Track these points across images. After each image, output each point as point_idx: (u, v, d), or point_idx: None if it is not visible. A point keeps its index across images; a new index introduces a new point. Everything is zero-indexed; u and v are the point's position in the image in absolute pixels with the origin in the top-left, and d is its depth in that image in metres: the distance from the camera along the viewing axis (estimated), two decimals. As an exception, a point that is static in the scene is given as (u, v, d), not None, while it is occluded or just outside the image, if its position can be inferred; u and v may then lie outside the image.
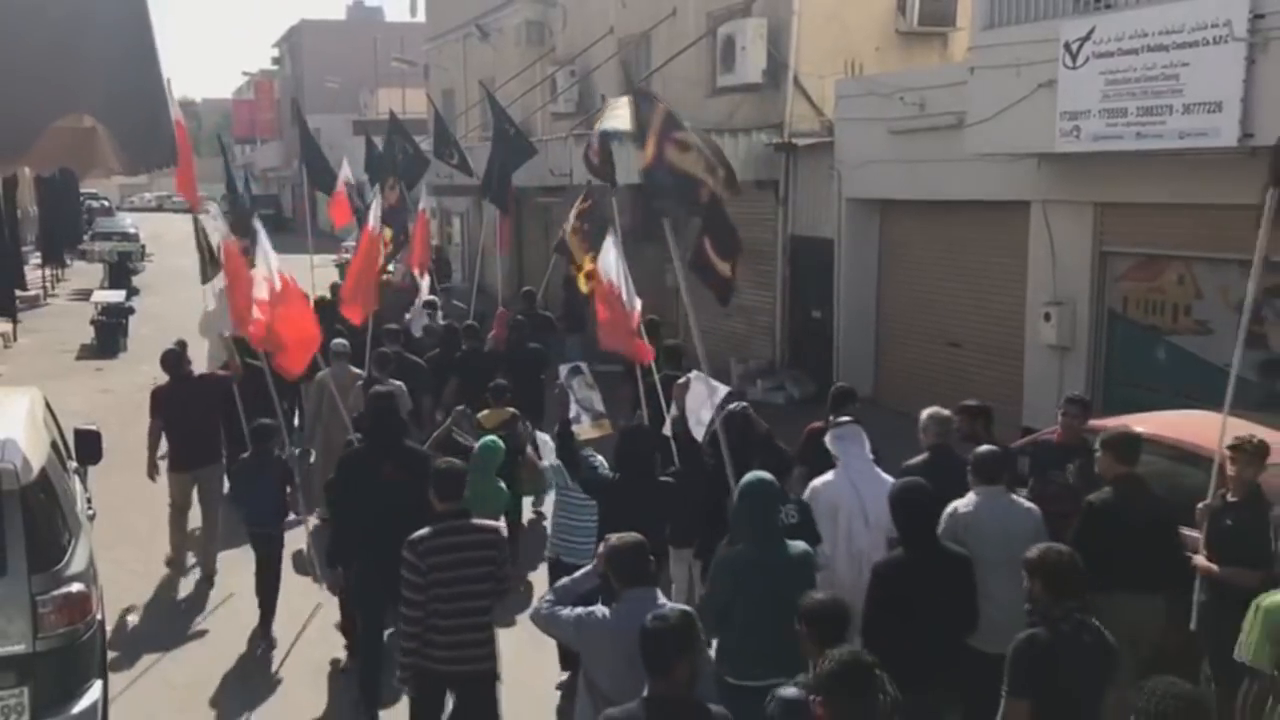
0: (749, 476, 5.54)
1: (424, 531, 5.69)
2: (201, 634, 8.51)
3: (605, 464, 7.09)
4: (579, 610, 4.86)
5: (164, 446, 9.86)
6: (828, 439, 6.80)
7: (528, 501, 10.09)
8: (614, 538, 4.88)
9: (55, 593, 5.61)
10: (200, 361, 10.99)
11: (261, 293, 8.84)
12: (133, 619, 8.68)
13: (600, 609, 4.86)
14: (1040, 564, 4.62)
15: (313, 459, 10.89)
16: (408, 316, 14.17)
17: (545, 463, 7.61)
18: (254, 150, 67.43)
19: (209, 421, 9.79)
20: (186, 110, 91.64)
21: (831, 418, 7.28)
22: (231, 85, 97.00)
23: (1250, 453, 6.15)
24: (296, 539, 9.43)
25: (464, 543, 5.72)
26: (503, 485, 7.87)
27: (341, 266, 18.85)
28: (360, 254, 12.31)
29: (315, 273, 16.56)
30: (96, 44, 5.75)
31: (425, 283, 15.37)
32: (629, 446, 6.71)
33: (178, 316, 12.52)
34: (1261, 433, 7.17)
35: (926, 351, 14.27)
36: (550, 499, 7.94)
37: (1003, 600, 5.41)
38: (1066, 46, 10.56)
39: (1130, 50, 9.99)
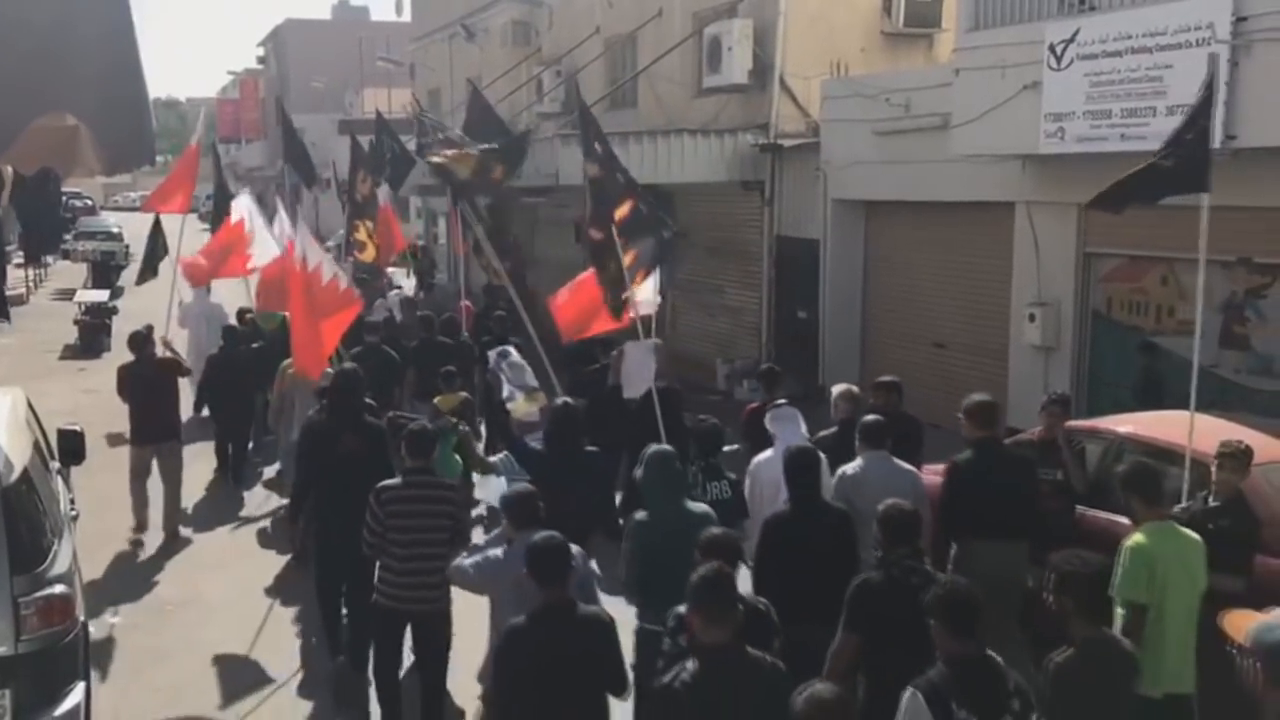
0: (652, 448, 6.15)
1: (391, 481, 6.40)
2: (185, 635, 8.47)
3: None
4: (476, 556, 5.54)
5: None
6: (767, 419, 7.48)
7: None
8: (509, 489, 5.63)
9: (37, 595, 5.58)
10: (180, 348, 12.23)
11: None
12: (116, 620, 8.63)
13: (494, 550, 5.49)
14: (882, 517, 5.21)
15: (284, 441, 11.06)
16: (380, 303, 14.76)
17: (496, 458, 7.99)
18: (239, 150, 67.16)
19: (166, 400, 10.50)
20: (172, 110, 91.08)
21: (768, 399, 8.10)
22: (216, 84, 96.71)
23: (1237, 458, 6.18)
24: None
25: (424, 495, 6.36)
26: (457, 457, 8.33)
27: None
28: (294, 302, 9.30)
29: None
30: (79, 45, 5.73)
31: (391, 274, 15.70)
32: (557, 422, 7.20)
33: (162, 316, 12.47)
34: (1241, 433, 7.23)
35: (911, 352, 14.31)
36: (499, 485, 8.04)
37: None
38: (1051, 48, 10.61)
39: (1114, 52, 10.04)
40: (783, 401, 7.83)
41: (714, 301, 18.52)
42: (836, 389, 8.06)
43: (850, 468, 6.71)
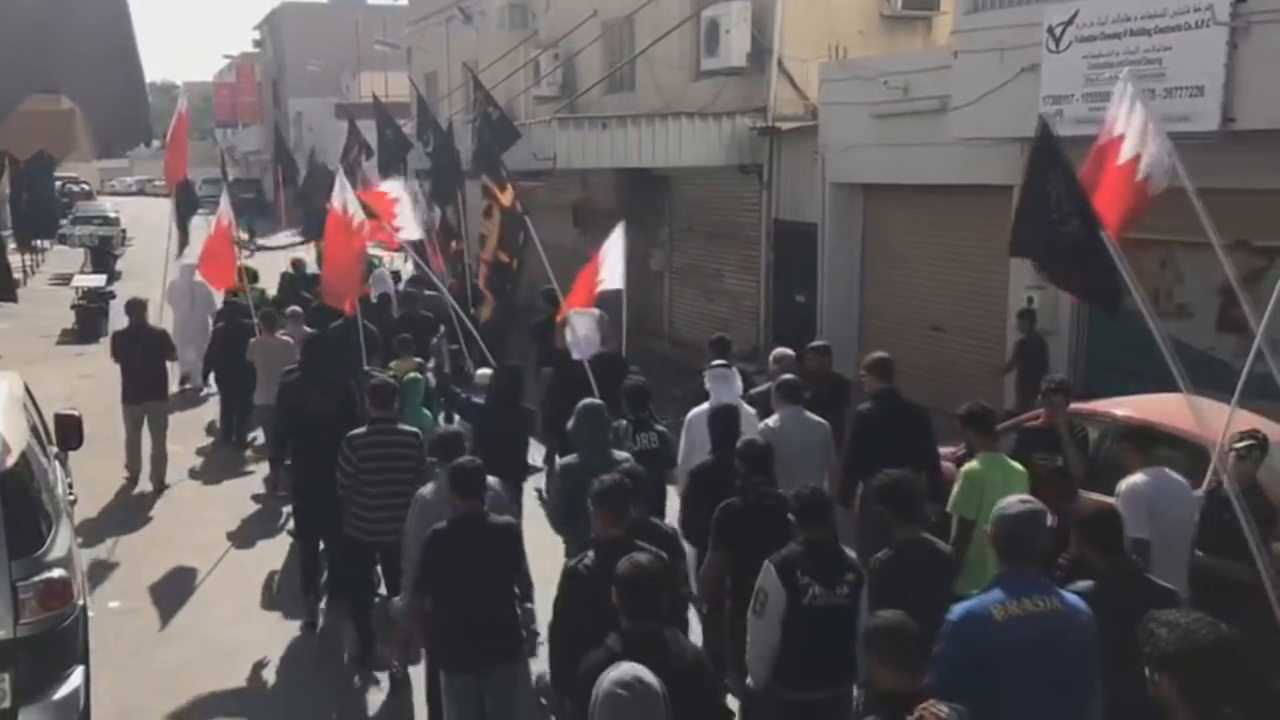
0: (583, 401, 7.01)
1: (360, 430, 7.30)
2: (185, 618, 8.49)
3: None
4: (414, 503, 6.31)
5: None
6: (705, 379, 8.49)
7: None
8: (437, 431, 6.83)
9: (36, 579, 5.59)
10: (167, 326, 13.18)
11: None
12: (114, 605, 8.65)
13: (426, 488, 6.42)
14: (740, 452, 6.14)
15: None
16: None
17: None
18: (235, 134, 66.94)
19: (156, 364, 11.55)
20: (167, 93, 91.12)
21: (710, 363, 8.98)
22: (213, 68, 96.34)
23: (1256, 448, 6.24)
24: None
25: (390, 441, 7.29)
26: (428, 412, 9.12)
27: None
28: (331, 239, 11.07)
29: (290, 253, 16.70)
30: (75, 28, 5.71)
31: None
32: (500, 381, 8.48)
33: (155, 304, 12.56)
34: (1237, 415, 7.23)
35: (909, 335, 14.30)
36: None
37: None
38: (1049, 30, 10.57)
39: (1113, 34, 10.01)
40: (720, 363, 8.79)
41: (712, 285, 18.51)
42: (774, 352, 9.11)
43: (770, 421, 7.53)
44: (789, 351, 9.01)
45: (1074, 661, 4.12)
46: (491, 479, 5.94)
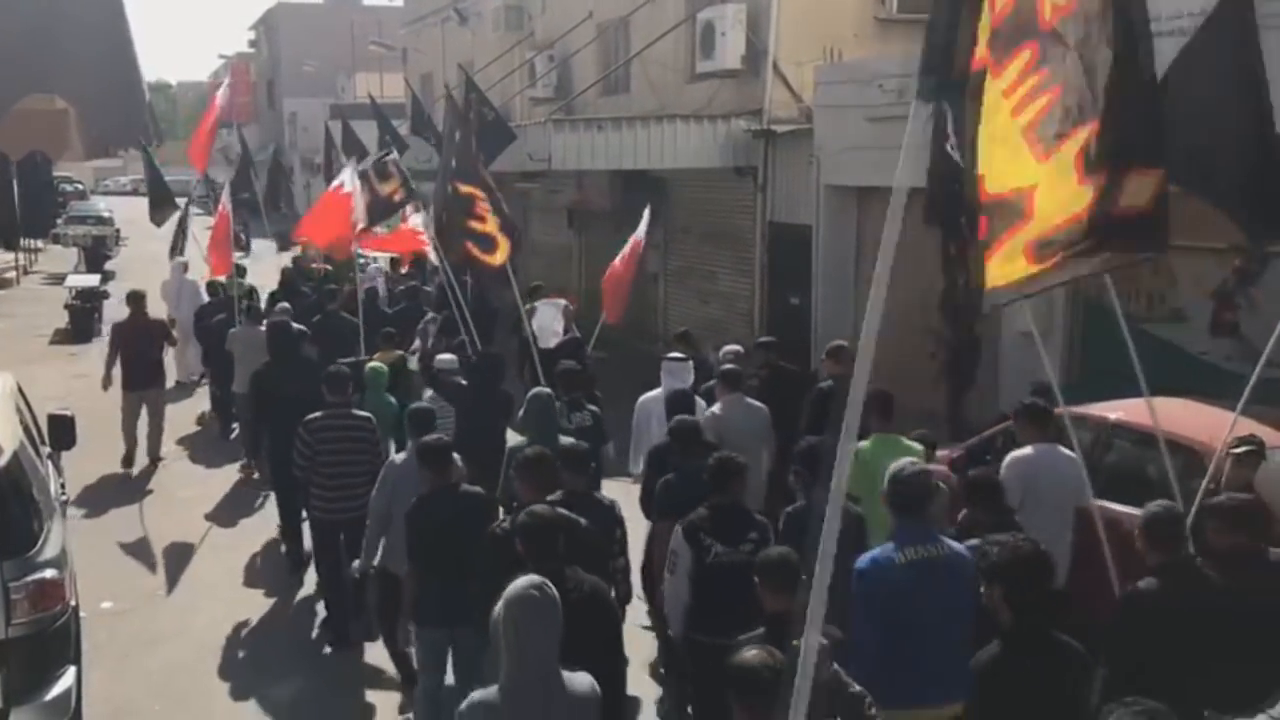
0: (533, 391, 7.55)
1: (315, 415, 7.88)
2: (177, 619, 8.48)
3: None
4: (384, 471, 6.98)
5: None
6: (662, 368, 9.08)
7: None
8: (412, 405, 7.61)
9: (28, 579, 5.58)
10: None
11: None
12: (107, 605, 8.63)
13: (397, 455, 7.18)
14: (671, 430, 6.88)
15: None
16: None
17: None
18: (230, 134, 66.82)
19: (153, 353, 12.35)
20: (162, 92, 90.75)
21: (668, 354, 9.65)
22: (208, 68, 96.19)
23: (1250, 455, 6.27)
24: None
25: (344, 425, 7.89)
26: (392, 400, 9.41)
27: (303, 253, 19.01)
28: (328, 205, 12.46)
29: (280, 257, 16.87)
30: (70, 27, 5.69)
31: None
32: (480, 364, 9.29)
33: (153, 299, 12.70)
34: (1227, 419, 7.24)
35: (903, 336, 14.29)
36: None
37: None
38: (1044, 34, 10.59)
39: (1107, 38, 10.03)
40: (677, 356, 9.43)
41: (707, 287, 18.52)
42: (724, 349, 9.60)
43: (715, 408, 8.18)
44: (738, 348, 9.70)
45: (960, 597, 4.79)
46: (457, 456, 6.48)
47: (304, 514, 8.68)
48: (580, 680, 4.02)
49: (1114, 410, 7.95)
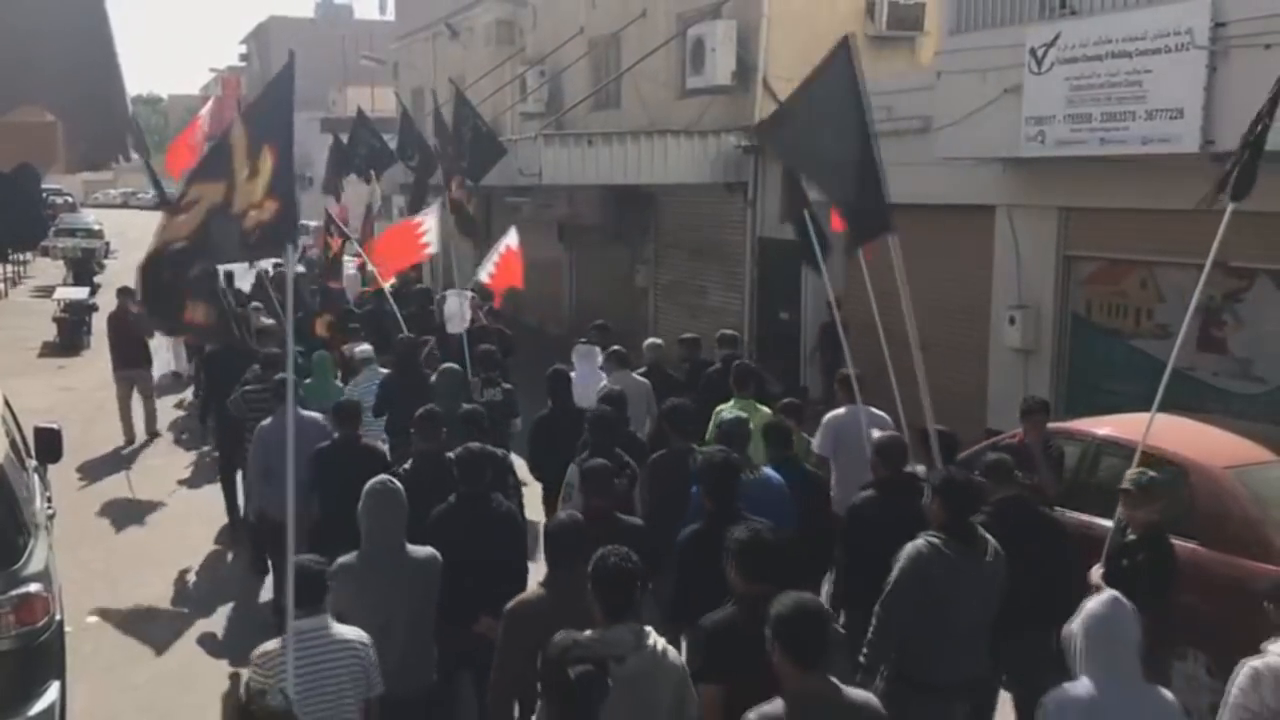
0: (443, 366, 8.97)
1: (253, 385, 9.29)
2: (161, 634, 8.43)
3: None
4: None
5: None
6: (573, 353, 10.23)
7: None
8: (338, 400, 8.20)
9: (12, 593, 5.56)
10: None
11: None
12: (92, 619, 8.58)
13: (265, 420, 8.20)
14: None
15: None
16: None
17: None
18: (221, 147, 66.79)
19: (138, 339, 13.89)
20: (153, 106, 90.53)
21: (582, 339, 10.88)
22: (199, 81, 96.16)
23: (1138, 493, 5.81)
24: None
25: (271, 396, 8.52)
26: (339, 383, 10.40)
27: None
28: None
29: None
30: (52, 40, 5.69)
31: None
32: (401, 353, 10.07)
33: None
34: (1215, 435, 7.27)
35: (892, 353, 14.31)
36: None
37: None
38: (1032, 52, 10.66)
39: (1094, 56, 10.10)
40: (585, 340, 10.70)
41: (696, 302, 18.54)
42: (646, 342, 10.86)
43: (606, 380, 9.42)
44: (658, 341, 11.09)
45: (775, 509, 5.83)
46: (318, 415, 8.18)
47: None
48: (421, 550, 5.36)
49: (1102, 425, 7.98)
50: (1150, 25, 9.60)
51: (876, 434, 7.05)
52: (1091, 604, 4.01)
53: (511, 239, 13.22)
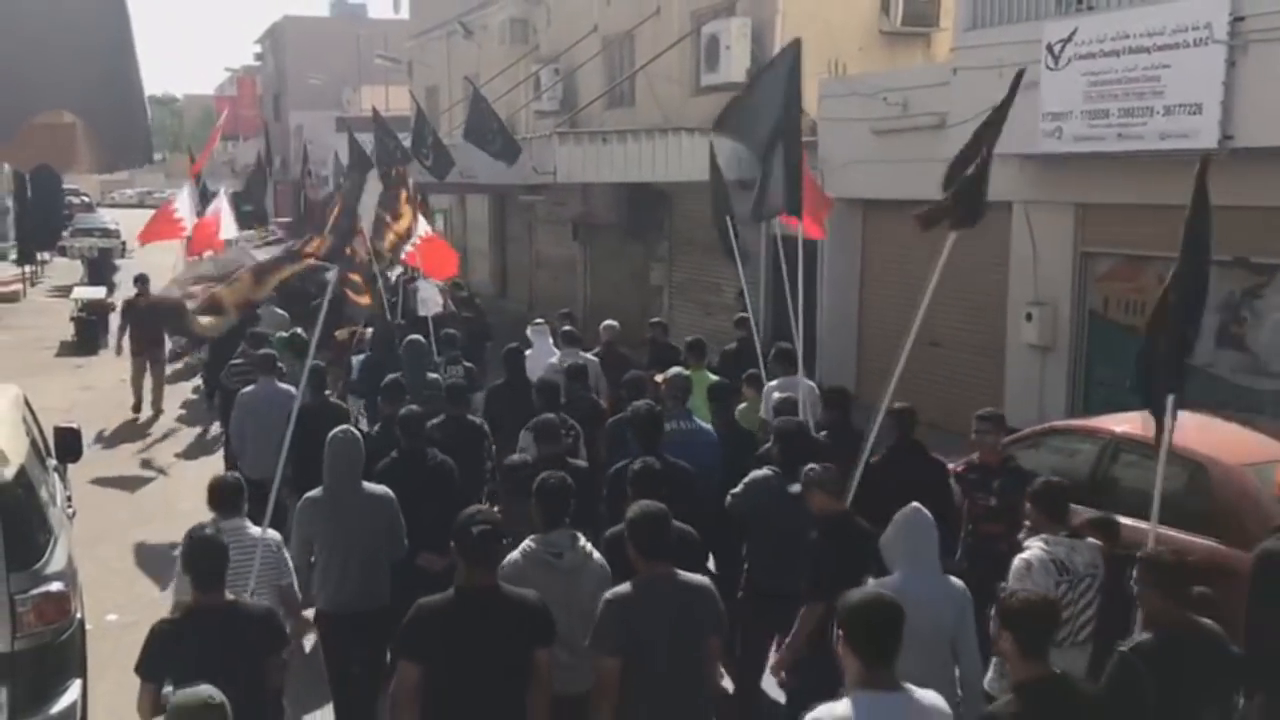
0: (408, 338, 10.54)
1: (237, 359, 10.64)
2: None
3: None
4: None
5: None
6: (528, 331, 11.51)
7: None
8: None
9: (34, 592, 5.59)
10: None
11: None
12: (112, 618, 8.62)
13: (247, 389, 9.27)
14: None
15: None
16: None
17: None
18: (235, 147, 67.08)
19: (155, 326, 14.80)
20: (167, 107, 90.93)
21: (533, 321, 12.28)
22: (214, 81, 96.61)
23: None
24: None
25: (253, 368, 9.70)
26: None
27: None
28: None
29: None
30: (75, 40, 5.72)
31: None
32: (376, 340, 11.44)
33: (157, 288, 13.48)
34: (1233, 431, 7.22)
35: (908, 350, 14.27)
36: None
37: None
38: (1049, 48, 10.62)
39: (1112, 52, 10.05)
40: (540, 321, 12.04)
41: (711, 300, 18.53)
42: (603, 324, 11.65)
43: (553, 359, 10.45)
44: (615, 324, 11.75)
45: (701, 453, 7.12)
46: (288, 387, 9.02)
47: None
48: (376, 488, 6.35)
49: (1120, 423, 7.94)
50: (1168, 20, 9.55)
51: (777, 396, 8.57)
52: (899, 514, 5.11)
53: (423, 228, 13.61)
